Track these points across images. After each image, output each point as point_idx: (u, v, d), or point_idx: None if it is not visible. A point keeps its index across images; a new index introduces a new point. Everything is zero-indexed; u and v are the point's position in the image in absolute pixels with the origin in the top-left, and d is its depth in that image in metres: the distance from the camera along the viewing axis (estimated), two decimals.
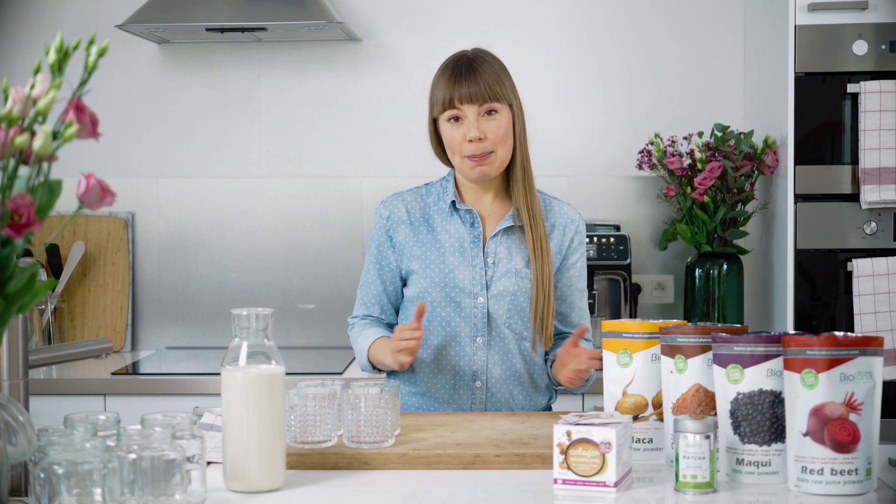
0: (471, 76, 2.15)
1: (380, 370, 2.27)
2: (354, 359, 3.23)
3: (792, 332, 2.13)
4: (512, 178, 2.22)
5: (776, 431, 1.62)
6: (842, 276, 2.82)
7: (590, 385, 2.22)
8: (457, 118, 2.16)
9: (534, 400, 2.25)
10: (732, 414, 1.63)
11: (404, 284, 2.28)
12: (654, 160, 3.22)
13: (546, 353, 2.27)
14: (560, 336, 2.29)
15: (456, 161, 2.19)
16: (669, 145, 3.23)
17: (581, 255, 2.28)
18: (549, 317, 2.19)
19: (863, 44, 2.79)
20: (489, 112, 2.15)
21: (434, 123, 2.23)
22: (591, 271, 3.13)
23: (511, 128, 2.17)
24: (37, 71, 1.22)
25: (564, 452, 1.57)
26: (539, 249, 2.20)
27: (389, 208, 2.27)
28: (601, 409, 2.21)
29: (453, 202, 2.24)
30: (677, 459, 1.57)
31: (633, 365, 1.80)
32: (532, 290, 2.19)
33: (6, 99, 1.22)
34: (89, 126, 1.23)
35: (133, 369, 3.07)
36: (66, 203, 2.84)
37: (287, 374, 1.63)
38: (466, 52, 2.22)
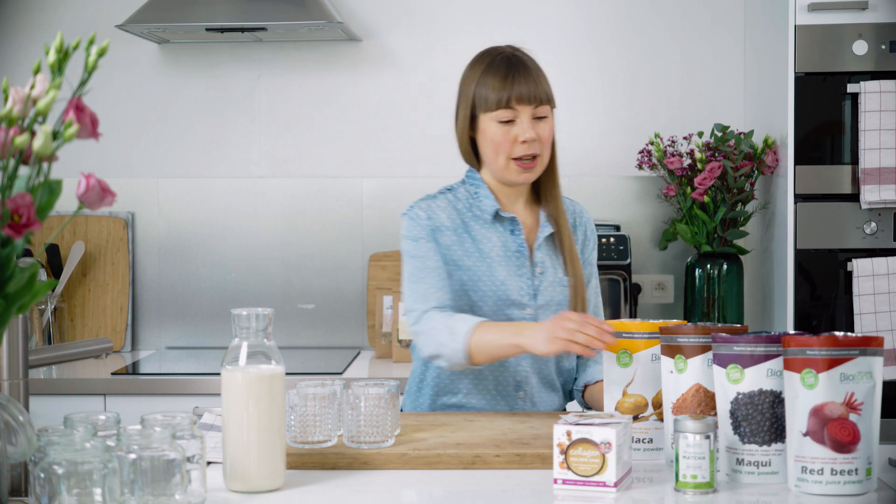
0: (527, 76, 2.09)
1: (466, 365, 2.02)
2: (354, 359, 3.23)
3: (792, 332, 2.13)
4: (547, 182, 2.18)
5: (776, 431, 1.62)
6: (842, 276, 2.82)
7: None
8: (508, 119, 2.09)
9: (563, 405, 2.24)
10: (732, 414, 1.63)
11: None
12: (654, 160, 3.22)
13: (578, 366, 2.25)
14: None
15: (499, 162, 2.11)
16: (669, 145, 3.23)
17: (593, 250, 2.26)
18: None
19: (863, 44, 2.79)
20: (539, 114, 2.10)
21: (471, 119, 2.14)
22: None
23: (553, 132, 2.14)
24: (37, 71, 1.22)
25: (564, 452, 1.57)
26: (572, 255, 2.16)
27: (428, 212, 2.14)
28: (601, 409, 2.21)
29: (497, 210, 2.15)
30: (677, 459, 1.57)
31: (633, 365, 1.80)
32: (570, 296, 2.15)
33: (6, 99, 1.22)
34: (89, 126, 1.23)
35: (133, 369, 3.07)
36: (66, 203, 2.83)
37: (287, 374, 1.63)
38: (510, 50, 2.14)
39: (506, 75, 2.09)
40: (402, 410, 2.27)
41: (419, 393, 2.22)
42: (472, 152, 2.18)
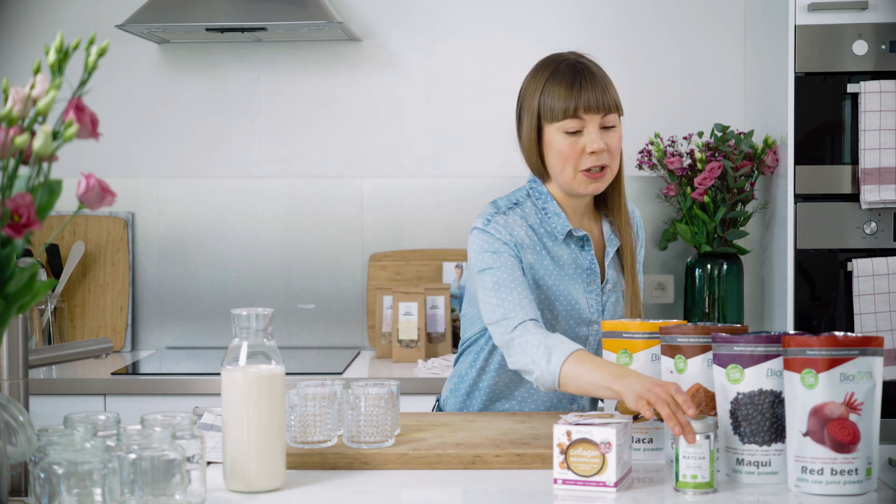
0: (594, 83, 2.01)
1: (557, 389, 1.89)
2: (354, 359, 3.23)
3: (792, 332, 2.13)
4: (611, 193, 2.12)
5: (776, 431, 1.62)
6: (842, 276, 2.82)
7: None
8: (575, 129, 2.00)
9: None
10: (732, 414, 1.63)
11: None
12: (654, 160, 3.22)
13: None
14: None
15: (567, 174, 2.02)
16: (669, 145, 3.23)
17: (642, 248, 2.24)
18: None
19: (863, 44, 2.79)
20: (607, 123, 2.01)
21: (537, 131, 2.05)
22: None
23: (621, 141, 2.06)
24: (37, 71, 1.22)
25: (564, 452, 1.57)
26: (632, 268, 2.13)
27: (507, 228, 2.04)
28: (601, 409, 2.21)
29: (570, 230, 2.08)
30: (677, 459, 1.57)
31: (634, 365, 1.80)
32: (625, 307, 2.12)
33: (6, 99, 1.22)
34: (89, 126, 1.23)
35: (133, 369, 3.07)
36: (66, 203, 2.84)
37: (287, 374, 1.63)
38: (574, 57, 2.07)
39: (572, 83, 2.01)
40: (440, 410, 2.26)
41: (469, 397, 2.18)
42: (541, 164, 2.07)
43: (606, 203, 2.14)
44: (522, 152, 2.10)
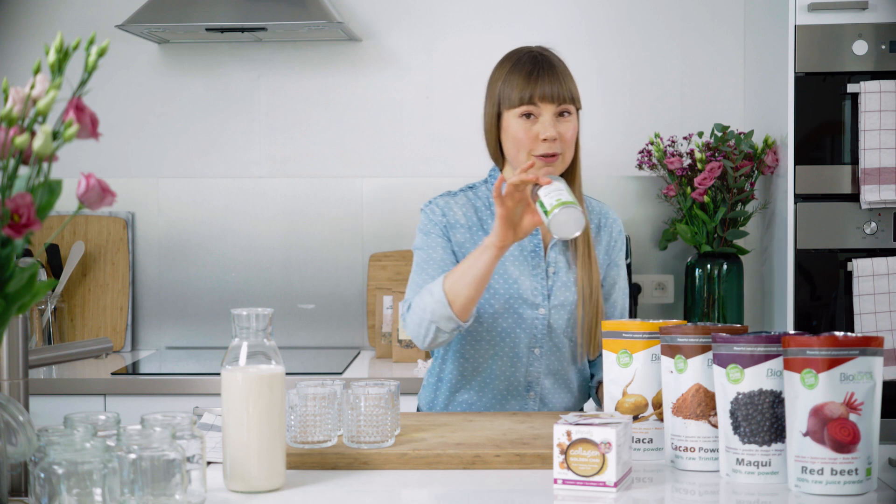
0: (552, 75, 2.10)
1: (454, 315, 2.00)
2: (354, 359, 3.23)
3: (792, 332, 2.13)
4: (567, 182, 2.15)
5: (776, 431, 1.62)
6: (842, 276, 2.82)
7: None
8: (530, 115, 2.09)
9: (578, 405, 2.25)
10: (732, 414, 1.63)
11: None
12: (654, 160, 3.22)
13: (590, 363, 2.25)
14: None
15: (521, 159, 2.10)
16: (669, 145, 3.23)
17: (620, 251, 2.26)
18: (595, 326, 2.15)
19: (863, 44, 2.79)
20: (562, 113, 2.10)
21: (497, 117, 2.14)
22: None
23: (577, 132, 2.14)
24: (37, 71, 1.22)
25: (564, 452, 1.57)
26: (587, 258, 2.16)
27: (443, 208, 2.17)
28: (601, 409, 2.21)
29: None
30: (542, 204, 1.86)
31: (633, 365, 1.80)
32: (578, 298, 2.15)
33: (6, 99, 1.22)
34: (89, 126, 1.23)
35: (133, 369, 3.07)
36: (66, 203, 2.84)
37: (287, 374, 1.63)
38: (538, 49, 2.16)
39: (530, 73, 2.10)
40: (418, 409, 2.29)
41: (436, 390, 2.23)
42: (499, 151, 2.18)
43: None
44: (484, 137, 2.20)
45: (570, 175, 2.16)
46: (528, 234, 1.97)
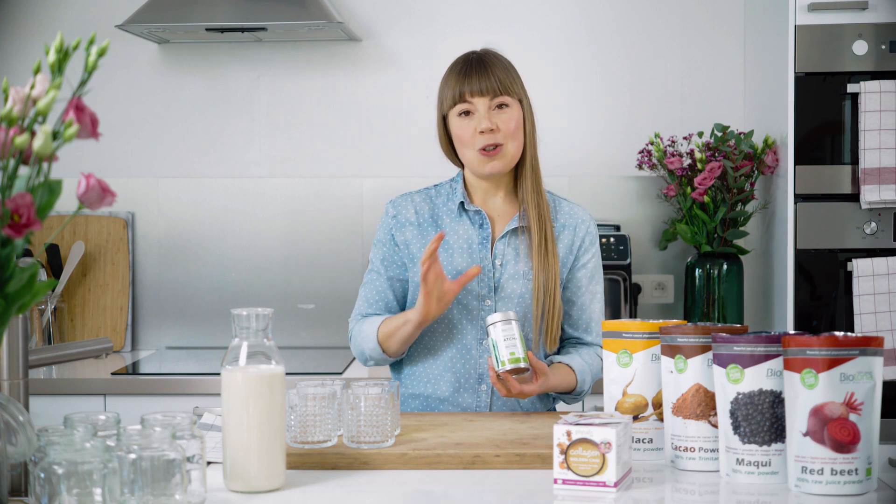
0: (482, 71, 2.15)
1: (387, 357, 2.19)
2: (354, 359, 3.23)
3: (792, 332, 2.13)
4: (520, 176, 2.20)
5: (776, 431, 1.62)
6: (842, 276, 2.82)
7: (583, 397, 2.22)
8: (467, 112, 2.14)
9: (538, 403, 2.24)
10: (732, 414, 1.63)
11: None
12: (654, 160, 3.22)
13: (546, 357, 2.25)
14: (569, 340, 2.26)
15: (468, 156, 2.16)
16: (669, 145, 3.23)
17: (592, 257, 2.24)
18: (552, 320, 2.16)
19: (863, 44, 2.79)
20: (500, 106, 2.14)
21: (444, 121, 2.20)
22: None
23: (522, 123, 2.16)
24: (37, 71, 1.22)
25: (564, 452, 1.57)
26: (544, 251, 2.17)
27: (397, 207, 2.25)
28: (601, 409, 2.21)
29: (462, 203, 2.21)
30: (495, 347, 1.95)
31: (633, 365, 1.80)
32: (533, 291, 2.16)
33: (6, 99, 1.22)
34: (89, 126, 1.23)
35: (133, 369, 3.07)
36: (66, 203, 2.84)
37: (287, 374, 1.63)
38: (475, 51, 2.23)
39: (461, 71, 2.16)
40: None
41: (403, 385, 2.27)
42: (453, 153, 2.24)
43: (519, 187, 2.22)
44: (439, 144, 2.26)
45: (522, 169, 2.19)
46: (450, 303, 2.08)
